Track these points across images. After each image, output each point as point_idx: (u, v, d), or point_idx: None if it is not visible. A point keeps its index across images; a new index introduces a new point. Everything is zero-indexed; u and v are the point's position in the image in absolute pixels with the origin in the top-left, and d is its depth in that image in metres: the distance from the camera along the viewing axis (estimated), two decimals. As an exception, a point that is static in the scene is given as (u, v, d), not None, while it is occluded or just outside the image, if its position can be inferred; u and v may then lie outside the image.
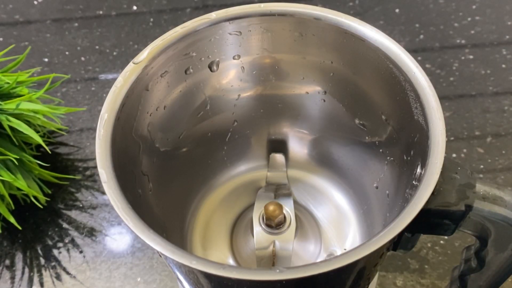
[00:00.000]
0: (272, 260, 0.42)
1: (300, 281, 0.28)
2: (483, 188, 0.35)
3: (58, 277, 0.46)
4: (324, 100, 0.41)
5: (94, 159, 0.33)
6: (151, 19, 0.62)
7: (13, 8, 0.64)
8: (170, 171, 0.42)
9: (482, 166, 0.50)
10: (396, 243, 0.34)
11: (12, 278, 0.46)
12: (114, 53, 0.60)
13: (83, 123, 0.54)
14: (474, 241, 0.35)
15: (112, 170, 0.32)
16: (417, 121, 0.33)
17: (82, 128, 0.54)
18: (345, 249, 0.43)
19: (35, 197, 0.47)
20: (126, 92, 0.36)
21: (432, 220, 0.31)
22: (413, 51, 0.59)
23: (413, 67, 0.35)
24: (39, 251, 0.47)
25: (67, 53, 0.60)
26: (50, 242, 0.48)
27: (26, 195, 0.48)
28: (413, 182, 0.32)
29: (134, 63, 0.36)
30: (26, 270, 0.46)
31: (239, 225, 0.45)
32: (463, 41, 0.59)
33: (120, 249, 0.47)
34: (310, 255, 0.43)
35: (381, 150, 0.39)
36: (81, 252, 0.47)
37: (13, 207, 0.46)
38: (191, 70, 0.40)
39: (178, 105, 0.41)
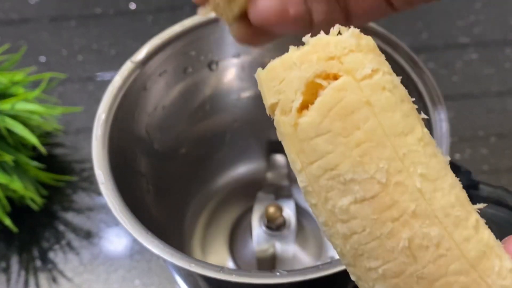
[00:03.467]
0: (272, 262, 0.41)
1: (301, 284, 0.28)
2: (487, 189, 0.34)
3: (54, 280, 0.45)
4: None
5: (91, 160, 0.33)
6: (150, 18, 0.62)
7: (10, 6, 0.63)
8: (169, 172, 0.41)
9: (486, 167, 0.50)
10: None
11: (8, 281, 0.46)
12: (112, 52, 0.59)
13: (80, 123, 0.54)
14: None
15: (110, 171, 0.32)
16: (421, 121, 0.32)
17: (79, 128, 0.54)
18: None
19: (31, 199, 0.46)
20: (124, 91, 0.35)
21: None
22: (416, 50, 0.58)
23: (416, 67, 0.35)
24: (36, 254, 0.47)
25: (64, 52, 0.59)
26: (46, 245, 0.47)
27: (22, 197, 0.47)
28: (418, 183, 0.32)
29: (132, 62, 0.36)
30: (22, 273, 0.46)
31: (239, 227, 0.45)
32: (466, 40, 0.59)
33: (117, 252, 0.47)
34: (311, 258, 0.43)
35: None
36: (78, 254, 0.47)
37: (9, 209, 0.46)
38: (190, 69, 0.39)
39: (177, 105, 0.40)
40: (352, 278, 0.19)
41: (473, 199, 0.34)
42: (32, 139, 0.44)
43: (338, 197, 0.17)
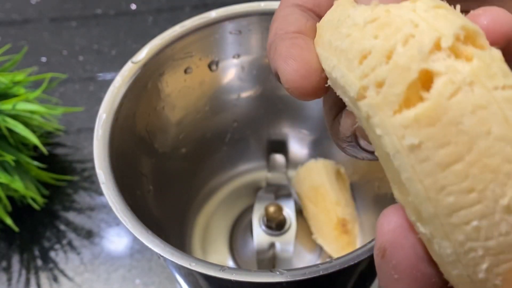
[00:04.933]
0: (272, 262, 0.42)
1: (301, 283, 0.28)
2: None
3: (55, 279, 0.45)
4: (325, 100, 0.41)
5: (92, 160, 0.33)
6: (150, 18, 0.62)
7: (11, 7, 0.64)
8: (169, 172, 0.42)
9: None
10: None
11: (9, 280, 0.46)
12: (113, 53, 0.59)
13: (81, 124, 0.54)
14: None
15: (111, 171, 0.32)
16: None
17: (80, 128, 0.54)
18: (346, 251, 0.43)
19: (32, 199, 0.47)
20: (124, 92, 0.35)
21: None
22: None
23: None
24: (37, 253, 0.47)
25: (65, 52, 0.60)
26: (47, 244, 0.47)
27: (24, 197, 0.47)
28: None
29: (132, 63, 0.36)
30: (23, 272, 0.46)
31: (239, 226, 0.45)
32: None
33: (118, 251, 0.47)
34: (311, 257, 0.43)
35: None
36: (78, 254, 0.47)
37: (10, 209, 0.46)
38: (190, 70, 0.39)
39: (177, 105, 0.40)
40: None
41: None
42: (33, 139, 0.44)
43: None
